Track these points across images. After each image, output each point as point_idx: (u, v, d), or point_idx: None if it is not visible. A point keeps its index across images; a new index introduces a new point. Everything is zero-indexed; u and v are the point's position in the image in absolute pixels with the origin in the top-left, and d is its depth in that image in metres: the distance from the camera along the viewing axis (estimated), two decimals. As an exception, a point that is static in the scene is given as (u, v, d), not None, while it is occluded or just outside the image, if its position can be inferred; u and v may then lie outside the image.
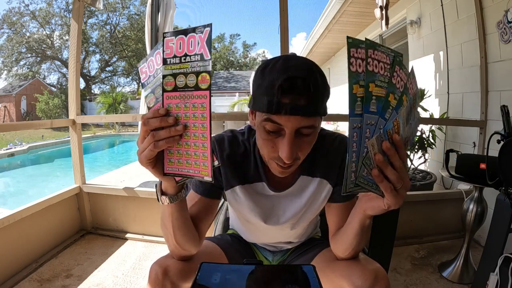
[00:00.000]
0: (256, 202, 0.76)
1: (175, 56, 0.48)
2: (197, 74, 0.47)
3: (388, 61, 0.46)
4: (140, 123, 2.64)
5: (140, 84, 0.56)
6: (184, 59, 0.47)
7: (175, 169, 0.53)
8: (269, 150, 0.60)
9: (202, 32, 0.46)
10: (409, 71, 0.49)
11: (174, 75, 0.48)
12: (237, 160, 0.74)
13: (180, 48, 0.47)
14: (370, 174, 0.46)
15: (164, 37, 0.48)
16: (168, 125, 0.49)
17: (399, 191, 0.47)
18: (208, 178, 0.50)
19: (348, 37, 0.44)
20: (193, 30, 0.46)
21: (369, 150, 0.45)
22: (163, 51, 0.48)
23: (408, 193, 2.06)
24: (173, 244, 0.65)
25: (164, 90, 0.49)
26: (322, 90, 0.58)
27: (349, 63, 0.43)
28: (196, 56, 0.46)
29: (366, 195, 0.56)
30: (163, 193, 0.61)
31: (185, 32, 0.47)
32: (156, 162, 0.53)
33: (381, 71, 0.45)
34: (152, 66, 0.55)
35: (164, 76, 0.49)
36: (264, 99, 0.55)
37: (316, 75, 0.57)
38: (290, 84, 0.53)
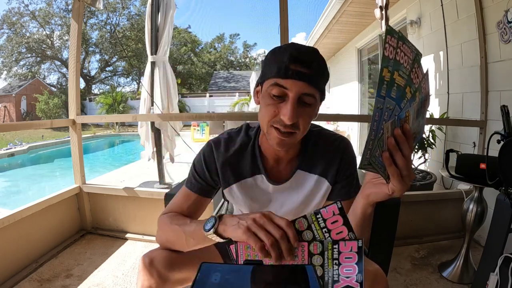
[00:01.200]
0: (253, 198, 0.79)
1: None
2: None
3: (411, 56, 0.49)
4: (141, 128, 2.66)
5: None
6: None
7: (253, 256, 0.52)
8: (271, 114, 0.64)
9: None
10: (425, 72, 0.51)
11: None
12: (233, 159, 0.77)
13: None
14: (381, 156, 0.49)
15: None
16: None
17: (404, 178, 0.49)
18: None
19: (387, 25, 0.48)
20: None
21: (384, 133, 0.48)
22: None
23: (408, 193, 2.07)
24: (179, 247, 0.70)
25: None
26: (323, 68, 0.66)
27: (384, 48, 0.46)
28: None
29: (371, 181, 0.59)
30: (218, 234, 0.57)
31: None
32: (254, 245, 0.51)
33: (405, 63, 0.48)
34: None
35: None
36: (274, 66, 0.63)
37: (320, 56, 0.66)
38: (299, 54, 0.62)
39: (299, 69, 0.61)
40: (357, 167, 0.56)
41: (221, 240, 0.57)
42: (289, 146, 0.69)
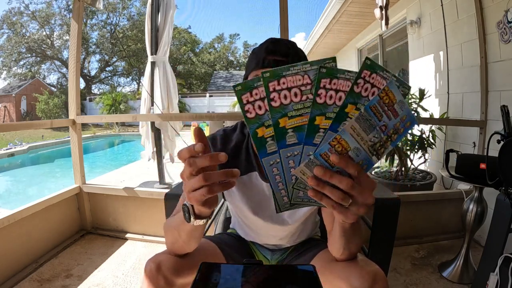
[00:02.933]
0: (249, 195, 0.79)
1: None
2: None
3: (307, 81, 0.39)
4: (142, 128, 2.65)
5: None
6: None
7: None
8: None
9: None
10: (358, 72, 0.40)
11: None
12: (230, 156, 0.76)
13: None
14: (307, 194, 0.44)
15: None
16: (232, 177, 0.45)
17: (349, 207, 0.43)
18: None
19: (263, 73, 0.39)
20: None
21: (300, 177, 0.42)
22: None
23: (408, 193, 2.07)
24: (180, 248, 0.67)
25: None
26: (302, 57, 0.70)
27: (268, 99, 0.39)
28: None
29: None
30: (196, 216, 0.55)
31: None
32: (207, 200, 0.49)
33: (294, 98, 0.40)
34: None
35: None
36: (253, 62, 0.69)
37: (297, 47, 0.70)
38: (274, 46, 0.68)
39: (275, 57, 0.66)
40: None
41: (204, 220, 0.56)
42: None
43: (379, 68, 0.39)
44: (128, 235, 2.03)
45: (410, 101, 2.57)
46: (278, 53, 0.67)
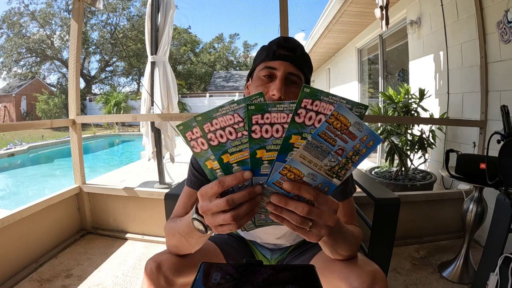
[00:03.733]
0: None
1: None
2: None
3: (238, 119, 0.40)
4: (143, 128, 2.65)
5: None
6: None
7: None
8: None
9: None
10: (297, 102, 0.39)
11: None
12: None
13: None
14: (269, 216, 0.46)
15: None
16: (253, 196, 0.43)
17: (311, 229, 0.44)
18: None
19: (195, 117, 0.40)
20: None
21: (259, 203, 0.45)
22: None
23: (408, 193, 2.07)
24: (183, 249, 0.68)
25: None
26: (307, 57, 0.75)
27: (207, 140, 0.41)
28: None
29: None
30: (206, 226, 0.54)
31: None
32: None
33: (230, 136, 0.40)
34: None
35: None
36: (263, 54, 0.72)
37: (304, 49, 0.75)
38: (285, 41, 0.72)
39: (285, 52, 0.70)
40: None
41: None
42: None
43: (322, 93, 0.38)
44: (128, 235, 2.03)
45: (410, 101, 2.58)
46: (288, 48, 0.71)
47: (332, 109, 0.38)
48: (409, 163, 2.60)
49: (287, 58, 0.70)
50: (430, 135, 2.51)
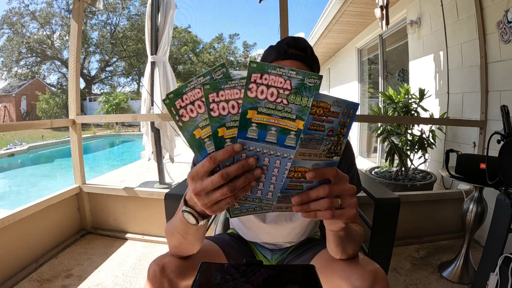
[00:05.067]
0: None
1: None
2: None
3: (201, 94, 0.41)
4: (143, 128, 2.65)
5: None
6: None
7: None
8: None
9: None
10: (247, 78, 0.39)
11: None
12: None
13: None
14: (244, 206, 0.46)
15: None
16: (247, 169, 0.41)
17: (342, 206, 0.44)
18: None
19: (167, 95, 0.41)
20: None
21: (280, 212, 0.47)
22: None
23: (408, 193, 2.07)
24: (184, 249, 0.66)
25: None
26: (315, 58, 0.75)
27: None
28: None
29: None
30: (201, 215, 0.53)
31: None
32: None
33: (199, 110, 0.41)
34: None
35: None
36: (273, 53, 0.72)
37: (312, 48, 0.75)
38: (295, 41, 0.71)
39: (296, 51, 0.70)
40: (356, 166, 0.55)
41: (210, 218, 0.55)
42: None
43: (269, 67, 0.39)
44: (128, 235, 2.03)
45: (410, 101, 2.58)
46: (298, 48, 0.71)
47: (282, 81, 0.39)
48: (409, 163, 2.60)
49: (298, 57, 0.70)
50: (430, 135, 2.51)
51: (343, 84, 6.23)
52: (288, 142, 0.40)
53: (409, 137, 2.57)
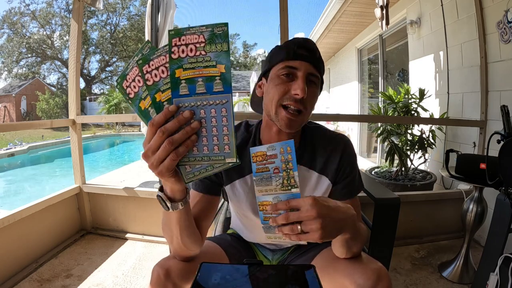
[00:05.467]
0: (251, 195, 0.78)
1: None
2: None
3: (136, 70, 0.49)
4: (144, 128, 2.65)
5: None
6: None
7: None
8: (281, 92, 0.68)
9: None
10: (168, 46, 0.46)
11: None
12: None
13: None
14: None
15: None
16: (184, 122, 0.45)
17: (304, 230, 0.49)
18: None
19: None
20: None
21: (273, 240, 0.54)
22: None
23: (408, 193, 2.07)
24: (178, 246, 0.65)
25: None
26: (322, 60, 0.74)
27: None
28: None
29: None
30: (172, 200, 0.57)
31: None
32: (176, 170, 0.50)
33: (139, 84, 0.48)
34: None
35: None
36: (282, 53, 0.71)
37: (317, 48, 0.74)
38: (304, 42, 0.71)
39: (305, 53, 0.69)
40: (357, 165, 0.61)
41: (182, 203, 0.58)
42: (297, 127, 0.71)
43: (185, 29, 0.45)
44: (128, 235, 2.03)
45: (410, 101, 2.58)
46: (308, 49, 0.70)
47: (200, 38, 0.44)
48: (409, 163, 2.60)
49: (307, 58, 0.69)
50: (430, 135, 2.51)
51: (343, 84, 6.23)
52: (216, 87, 0.45)
53: (409, 137, 2.57)
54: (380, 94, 3.31)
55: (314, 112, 0.76)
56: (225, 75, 0.45)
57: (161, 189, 0.57)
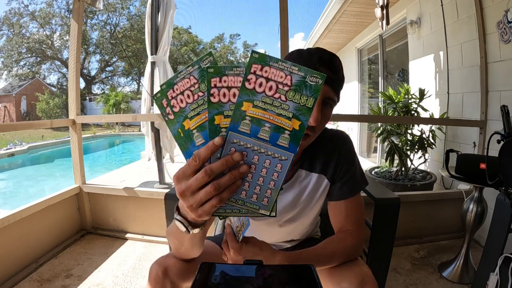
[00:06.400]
0: None
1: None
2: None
3: (194, 81, 0.40)
4: (144, 128, 2.66)
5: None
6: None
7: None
8: None
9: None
10: (246, 68, 0.38)
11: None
12: None
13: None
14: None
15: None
16: (232, 165, 0.39)
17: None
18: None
19: (161, 85, 0.42)
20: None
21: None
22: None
23: (408, 193, 2.07)
24: (185, 253, 0.65)
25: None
26: (343, 76, 0.68)
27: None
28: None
29: None
30: (192, 224, 0.52)
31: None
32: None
33: (188, 100, 0.41)
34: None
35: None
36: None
37: (342, 64, 0.67)
38: (328, 58, 0.63)
39: (327, 72, 0.60)
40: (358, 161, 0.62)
41: (203, 227, 0.53)
42: (302, 148, 0.69)
43: (271, 59, 0.38)
44: (128, 235, 2.03)
45: (410, 101, 2.58)
46: (331, 68, 0.62)
47: (283, 75, 0.38)
48: (409, 163, 2.60)
49: (328, 80, 0.61)
50: (430, 135, 2.51)
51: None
52: (281, 141, 0.39)
53: (409, 137, 2.57)
54: (380, 94, 3.31)
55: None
56: (296, 133, 0.38)
57: (178, 209, 0.52)
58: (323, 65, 0.62)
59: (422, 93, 2.52)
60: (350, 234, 0.71)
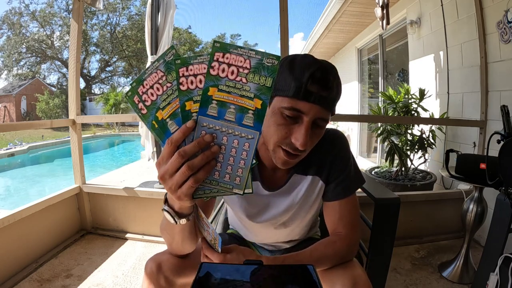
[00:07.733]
0: (249, 202, 0.78)
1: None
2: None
3: (161, 74, 0.43)
4: (142, 128, 2.66)
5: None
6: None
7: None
8: (281, 136, 0.61)
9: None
10: (210, 56, 0.41)
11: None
12: None
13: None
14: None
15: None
16: (204, 146, 0.42)
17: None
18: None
19: (131, 84, 0.44)
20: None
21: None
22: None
23: (408, 193, 2.07)
24: (177, 248, 0.66)
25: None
26: (340, 90, 0.63)
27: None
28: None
29: None
30: (179, 214, 0.53)
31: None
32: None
33: (158, 92, 0.44)
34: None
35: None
36: (290, 84, 0.58)
37: (339, 77, 0.62)
38: (321, 75, 0.58)
39: (319, 92, 0.58)
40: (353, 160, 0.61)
41: (190, 217, 0.54)
42: (292, 165, 0.67)
43: (231, 47, 0.41)
44: (128, 235, 2.03)
45: (410, 101, 2.58)
46: (323, 86, 0.58)
47: (242, 60, 0.41)
48: (409, 163, 2.60)
49: (320, 100, 0.58)
50: (430, 135, 2.51)
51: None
52: (246, 121, 0.42)
53: (409, 137, 2.57)
54: (380, 94, 3.31)
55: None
56: (259, 112, 0.41)
57: (166, 201, 0.53)
58: (315, 83, 0.57)
59: (422, 93, 2.52)
60: (340, 238, 0.70)
